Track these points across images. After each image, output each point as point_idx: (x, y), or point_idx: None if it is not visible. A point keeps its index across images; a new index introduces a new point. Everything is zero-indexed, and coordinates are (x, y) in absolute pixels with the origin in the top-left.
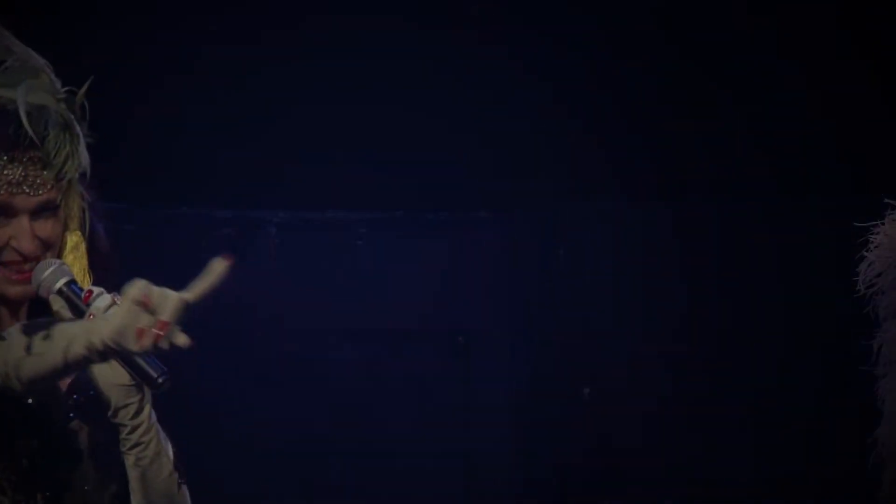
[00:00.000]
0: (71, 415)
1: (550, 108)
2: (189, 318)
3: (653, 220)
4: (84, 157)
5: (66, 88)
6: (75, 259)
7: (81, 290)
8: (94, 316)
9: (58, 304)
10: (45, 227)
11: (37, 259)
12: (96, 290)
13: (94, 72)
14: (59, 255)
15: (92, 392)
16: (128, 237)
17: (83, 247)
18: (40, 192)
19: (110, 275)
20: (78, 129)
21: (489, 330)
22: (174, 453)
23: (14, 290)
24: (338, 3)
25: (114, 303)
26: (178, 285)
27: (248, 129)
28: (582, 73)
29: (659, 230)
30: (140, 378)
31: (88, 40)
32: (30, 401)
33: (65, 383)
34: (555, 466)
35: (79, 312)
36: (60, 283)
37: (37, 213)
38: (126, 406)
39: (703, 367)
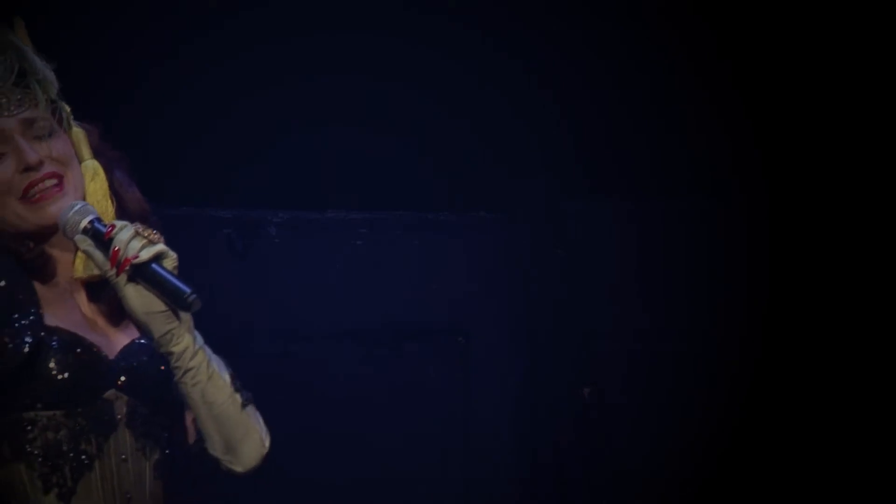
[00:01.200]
0: (122, 378)
1: (550, 108)
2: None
3: (652, 219)
4: (50, 76)
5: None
6: (96, 185)
7: (105, 226)
8: (118, 250)
9: (85, 244)
10: (47, 147)
11: (54, 176)
12: (119, 223)
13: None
14: (83, 188)
15: (145, 358)
16: None
17: (102, 173)
18: (22, 108)
19: (138, 207)
20: (25, 49)
21: (489, 330)
22: (230, 375)
23: (47, 213)
24: (339, 4)
25: (136, 234)
26: None
27: (248, 129)
28: (582, 74)
29: (659, 230)
30: (170, 300)
31: (89, 40)
32: (64, 375)
33: (113, 350)
34: (555, 467)
35: (104, 248)
36: (85, 222)
37: (28, 130)
38: (167, 333)
39: (704, 367)
